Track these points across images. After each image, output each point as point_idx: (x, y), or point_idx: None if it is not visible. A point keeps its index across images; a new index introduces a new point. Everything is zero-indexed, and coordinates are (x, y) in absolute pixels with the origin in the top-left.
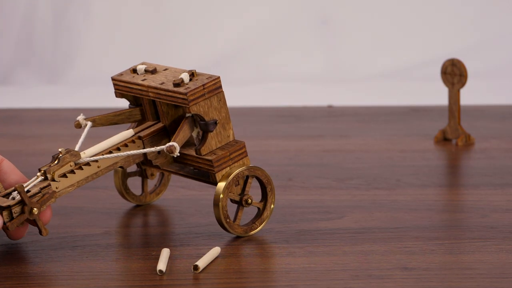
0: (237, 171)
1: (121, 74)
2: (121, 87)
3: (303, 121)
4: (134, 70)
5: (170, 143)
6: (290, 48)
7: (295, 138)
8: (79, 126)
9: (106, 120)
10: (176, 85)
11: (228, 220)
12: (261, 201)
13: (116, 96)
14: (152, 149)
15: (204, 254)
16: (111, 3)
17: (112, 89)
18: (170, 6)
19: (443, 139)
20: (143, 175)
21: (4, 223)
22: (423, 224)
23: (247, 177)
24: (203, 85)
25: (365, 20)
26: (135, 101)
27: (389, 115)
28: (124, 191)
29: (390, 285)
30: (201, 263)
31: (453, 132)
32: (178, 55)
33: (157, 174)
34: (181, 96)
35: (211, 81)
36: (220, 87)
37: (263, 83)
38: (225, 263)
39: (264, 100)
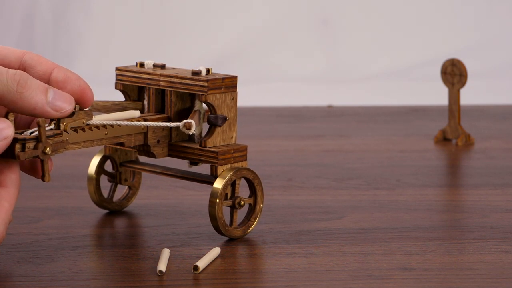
0: (226, 179)
1: (126, 67)
2: (125, 77)
3: (303, 121)
4: (141, 65)
5: (187, 120)
6: (291, 48)
7: (295, 138)
8: None
9: (103, 107)
10: (195, 74)
11: (227, 228)
12: (250, 197)
13: (116, 88)
14: (168, 124)
15: (204, 254)
16: (111, 3)
17: (112, 89)
18: (170, 6)
19: (443, 139)
20: (116, 182)
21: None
22: (423, 224)
23: (234, 180)
24: (222, 78)
25: (365, 20)
26: (137, 94)
27: (389, 115)
28: (106, 203)
29: (390, 285)
30: (201, 263)
31: (453, 132)
32: (178, 55)
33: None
34: (200, 83)
35: (229, 77)
36: (236, 86)
37: (263, 83)
38: (225, 263)
39: (264, 100)
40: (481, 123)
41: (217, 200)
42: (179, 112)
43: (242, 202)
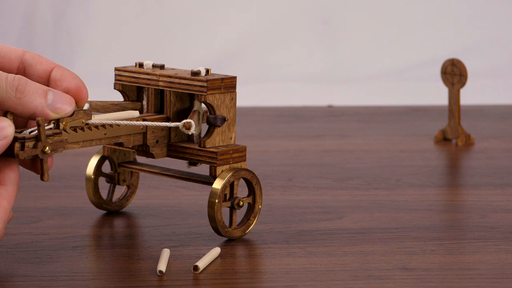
0: (224, 181)
1: (125, 67)
2: (124, 77)
3: (303, 121)
4: (140, 65)
5: (187, 120)
6: (290, 47)
7: (295, 138)
8: None
9: (101, 107)
10: (194, 74)
11: (226, 229)
12: (248, 196)
13: (115, 88)
14: (167, 124)
15: (204, 254)
16: (111, 3)
17: (111, 89)
18: (170, 6)
19: (443, 139)
20: (115, 182)
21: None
22: (423, 224)
23: (233, 181)
24: (222, 79)
25: (365, 20)
26: (136, 94)
27: (389, 115)
28: (106, 204)
29: (390, 285)
30: (201, 263)
31: (453, 132)
32: (178, 55)
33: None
34: (199, 83)
35: (229, 78)
36: (235, 87)
37: (263, 83)
38: (225, 263)
39: (264, 100)
40: (481, 123)
41: (216, 201)
42: (178, 113)
43: (241, 203)
